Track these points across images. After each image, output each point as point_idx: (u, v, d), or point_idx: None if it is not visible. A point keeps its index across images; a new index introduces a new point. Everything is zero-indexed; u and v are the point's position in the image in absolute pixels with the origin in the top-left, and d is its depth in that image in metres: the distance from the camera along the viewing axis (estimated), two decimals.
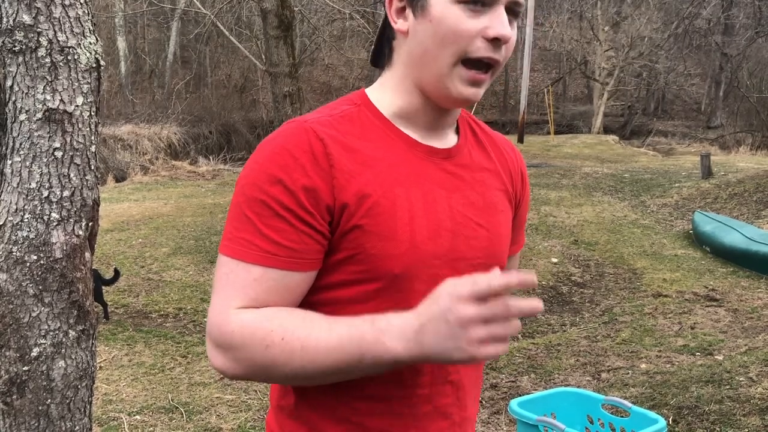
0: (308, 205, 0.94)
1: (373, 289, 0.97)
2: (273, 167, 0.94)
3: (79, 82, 2.05)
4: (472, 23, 0.94)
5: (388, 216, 0.96)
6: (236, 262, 0.95)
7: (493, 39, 0.95)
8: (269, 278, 0.94)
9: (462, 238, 1.03)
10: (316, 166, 0.94)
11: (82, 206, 2.08)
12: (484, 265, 1.03)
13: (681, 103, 33.90)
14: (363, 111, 1.03)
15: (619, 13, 26.38)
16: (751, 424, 3.26)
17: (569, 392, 2.19)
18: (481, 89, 0.99)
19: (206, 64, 26.51)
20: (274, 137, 0.98)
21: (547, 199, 10.06)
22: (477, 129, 1.14)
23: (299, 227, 0.94)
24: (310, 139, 0.96)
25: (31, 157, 2.00)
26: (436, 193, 1.02)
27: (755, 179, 9.99)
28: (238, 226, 0.96)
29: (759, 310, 5.31)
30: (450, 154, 1.06)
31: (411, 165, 1.01)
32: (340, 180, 0.95)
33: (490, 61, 0.96)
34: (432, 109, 1.04)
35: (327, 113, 1.01)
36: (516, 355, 4.60)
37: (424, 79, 1.00)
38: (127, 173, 15.03)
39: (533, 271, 0.85)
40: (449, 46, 0.95)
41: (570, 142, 19.56)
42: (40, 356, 2.04)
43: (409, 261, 0.97)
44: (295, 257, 0.95)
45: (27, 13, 1.96)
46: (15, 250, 2.01)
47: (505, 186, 1.12)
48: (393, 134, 1.03)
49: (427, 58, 0.98)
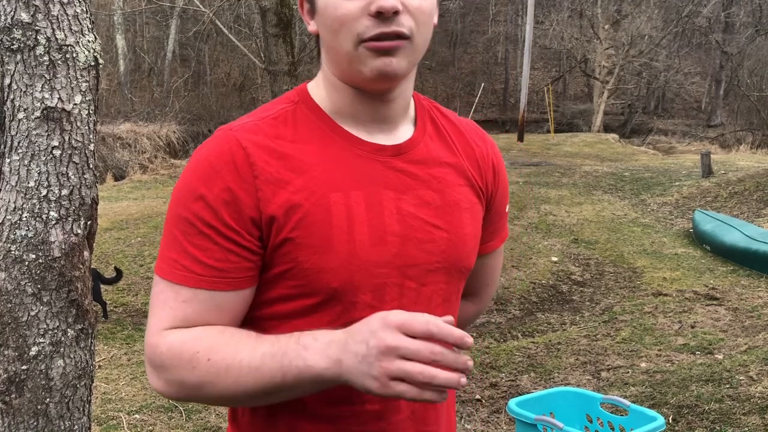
0: (231, 221, 0.89)
1: (313, 303, 0.92)
2: (195, 181, 0.90)
3: (77, 80, 2.04)
4: (352, 4, 0.89)
5: (321, 226, 0.90)
6: (166, 283, 0.92)
7: (376, 13, 0.87)
8: (198, 300, 0.90)
9: (414, 242, 0.95)
10: (238, 177, 0.89)
11: (81, 205, 2.07)
12: (444, 270, 0.98)
13: (681, 102, 33.89)
14: (301, 109, 0.97)
15: (620, 11, 26.36)
16: (751, 423, 3.25)
17: (568, 391, 2.18)
18: (393, 57, 0.90)
19: (205, 62, 26.50)
20: (201, 147, 0.94)
21: (547, 198, 10.05)
22: (440, 120, 1.06)
23: (224, 245, 0.89)
24: (231, 149, 0.90)
25: (30, 155, 2.00)
26: (382, 195, 0.94)
27: (755, 178, 9.98)
28: (167, 244, 0.92)
29: (759, 309, 5.31)
30: (401, 150, 0.98)
31: (352, 166, 0.94)
32: (265, 191, 0.89)
33: (385, 35, 0.88)
34: (367, 100, 0.96)
35: (258, 116, 0.96)
36: (516, 354, 4.60)
37: (340, 72, 0.95)
38: (126, 172, 15.02)
39: (469, 336, 0.78)
40: (339, 33, 0.90)
41: (570, 141, 19.56)
42: (39, 355, 2.03)
43: (348, 272, 0.91)
44: (222, 276, 0.90)
45: (25, 11, 1.96)
46: (13, 248, 2.00)
47: (472, 180, 1.04)
48: (333, 132, 0.96)
49: (332, 52, 0.94)
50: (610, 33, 25.79)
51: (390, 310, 0.82)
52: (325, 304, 0.92)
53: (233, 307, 0.92)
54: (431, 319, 0.78)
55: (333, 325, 0.90)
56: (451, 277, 1.00)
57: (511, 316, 5.60)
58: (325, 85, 0.98)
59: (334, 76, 0.96)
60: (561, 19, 27.69)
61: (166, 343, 0.90)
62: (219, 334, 0.89)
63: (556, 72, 34.09)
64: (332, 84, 0.97)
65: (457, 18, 35.41)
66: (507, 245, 7.44)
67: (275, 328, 0.92)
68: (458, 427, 3.53)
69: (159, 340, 0.91)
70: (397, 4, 0.88)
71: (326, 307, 0.92)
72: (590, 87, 30.54)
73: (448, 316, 0.83)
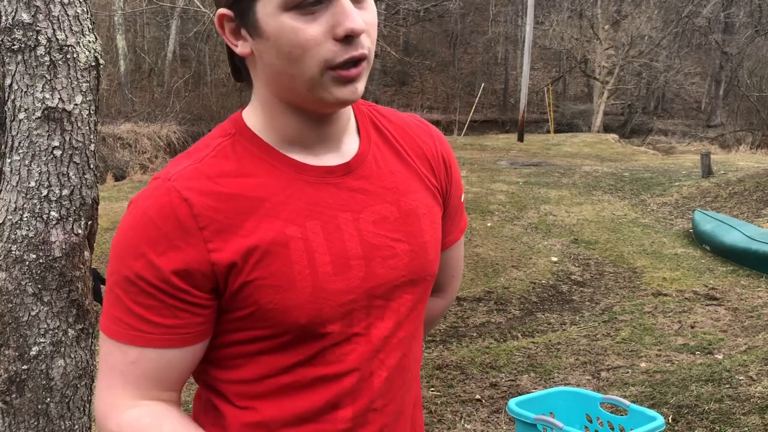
0: (177, 281, 0.84)
1: (282, 342, 0.88)
2: (135, 237, 0.84)
3: (78, 80, 2.05)
4: (314, 29, 0.81)
5: (282, 264, 0.86)
6: (112, 342, 0.88)
7: (344, 37, 0.82)
8: (147, 359, 0.87)
9: (378, 260, 0.92)
10: (183, 232, 0.83)
11: (82, 205, 2.08)
12: (410, 282, 0.96)
13: (681, 102, 33.90)
14: (239, 141, 0.90)
15: (619, 12, 26.38)
16: (750, 423, 3.26)
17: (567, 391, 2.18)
18: (358, 84, 0.85)
19: (206, 63, 26.49)
20: (138, 199, 0.87)
21: (547, 198, 10.05)
22: (382, 123, 1.00)
23: (170, 303, 0.85)
24: (172, 202, 0.84)
25: (30, 155, 2.00)
26: (340, 219, 0.90)
27: (755, 178, 9.98)
28: (110, 301, 0.88)
29: (759, 309, 5.31)
30: (350, 168, 0.92)
31: (303, 195, 0.88)
32: (216, 242, 0.84)
33: (354, 59, 0.83)
34: (314, 123, 0.90)
35: (196, 157, 0.89)
36: (515, 354, 4.60)
37: (290, 98, 0.88)
38: (127, 172, 15.02)
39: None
40: (300, 59, 0.82)
41: (570, 141, 19.55)
42: (40, 355, 2.03)
43: (315, 307, 0.87)
44: (172, 333, 0.86)
45: (26, 12, 1.96)
46: (14, 248, 2.00)
47: (426, 181, 1.00)
48: (278, 162, 0.89)
49: (283, 79, 0.86)
50: (610, 33, 25.80)
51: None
52: (295, 340, 0.88)
53: (184, 363, 0.89)
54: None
55: (302, 356, 0.89)
56: (417, 287, 0.98)
57: (511, 316, 5.60)
58: (265, 111, 0.91)
59: (281, 101, 0.89)
60: (561, 19, 27.69)
61: (115, 424, 0.88)
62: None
63: (556, 72, 34.10)
64: (276, 110, 0.90)
65: (457, 18, 35.41)
66: (507, 245, 7.45)
67: (243, 366, 0.91)
68: (458, 427, 3.53)
69: (109, 415, 0.89)
70: (363, 25, 0.82)
71: (296, 343, 0.89)
72: (590, 87, 30.54)
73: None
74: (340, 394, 0.92)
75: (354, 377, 0.92)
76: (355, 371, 0.92)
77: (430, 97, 33.00)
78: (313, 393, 0.91)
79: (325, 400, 0.91)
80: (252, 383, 0.91)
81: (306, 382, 0.91)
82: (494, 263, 6.78)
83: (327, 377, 0.91)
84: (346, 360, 0.91)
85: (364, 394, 0.93)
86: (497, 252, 7.17)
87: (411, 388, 1.02)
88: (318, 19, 0.81)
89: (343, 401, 0.92)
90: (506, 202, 9.65)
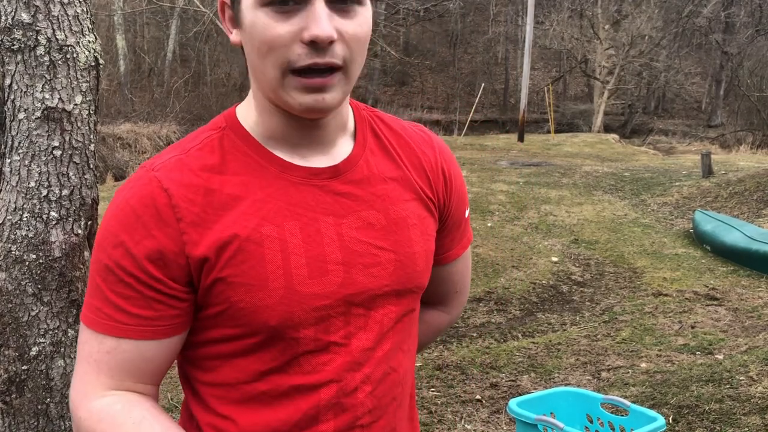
0: (154, 270, 0.84)
1: (254, 342, 0.88)
2: (116, 226, 0.85)
3: (77, 80, 2.04)
4: (283, 28, 0.80)
5: (255, 262, 0.85)
6: (89, 332, 0.88)
7: (310, 42, 0.80)
8: (122, 350, 0.86)
9: (359, 267, 0.90)
10: (161, 222, 0.84)
11: (81, 205, 2.07)
12: (395, 293, 0.94)
13: (681, 102, 33.92)
14: (228, 135, 0.90)
15: (620, 12, 26.37)
16: (751, 423, 3.25)
17: (568, 392, 2.18)
18: (326, 93, 0.83)
19: (205, 63, 26.50)
20: (123, 188, 0.88)
21: (547, 198, 10.05)
22: (382, 130, 0.99)
23: (147, 293, 0.85)
24: (153, 192, 0.84)
25: (30, 155, 2.00)
26: (320, 223, 0.88)
27: (756, 178, 9.98)
28: (90, 291, 0.88)
29: (759, 309, 5.31)
30: (338, 171, 0.91)
31: (285, 194, 0.87)
32: (191, 234, 0.84)
33: (318, 66, 0.81)
34: (298, 124, 0.89)
35: (183, 148, 0.89)
36: (516, 354, 4.60)
37: (266, 94, 0.87)
38: (126, 172, 15.03)
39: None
40: (267, 56, 0.82)
41: (570, 141, 19.55)
42: (39, 355, 2.03)
43: (287, 309, 0.86)
44: (148, 325, 0.86)
45: (26, 12, 1.96)
46: (14, 249, 2.00)
47: (420, 192, 0.98)
48: (263, 159, 0.89)
49: (257, 72, 0.86)
50: (610, 33, 25.80)
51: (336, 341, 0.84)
52: (267, 342, 0.87)
53: (159, 356, 0.89)
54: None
55: (276, 361, 0.88)
56: (403, 298, 0.96)
57: (512, 316, 5.60)
58: (256, 106, 0.91)
59: (264, 97, 0.89)
60: (561, 19, 27.69)
61: (86, 410, 0.87)
62: (132, 424, 0.85)
63: (556, 72, 34.10)
64: (263, 106, 0.90)
65: (457, 18, 35.42)
66: (507, 245, 7.45)
67: (218, 368, 0.90)
68: (458, 427, 3.53)
69: (80, 403, 0.88)
70: (333, 33, 0.80)
71: (268, 345, 0.88)
72: (590, 87, 30.55)
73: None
74: (318, 406, 0.90)
75: (332, 389, 0.90)
76: (333, 383, 0.90)
77: (430, 97, 33.00)
78: (289, 403, 0.90)
79: (303, 412, 0.90)
80: (228, 388, 0.90)
81: (282, 391, 0.89)
82: (494, 263, 6.77)
83: (303, 387, 0.89)
84: (323, 370, 0.90)
85: (347, 409, 0.91)
86: (497, 252, 7.17)
87: (402, 404, 1.00)
88: (291, 19, 0.81)
89: (323, 415, 0.90)
90: (506, 202, 9.65)
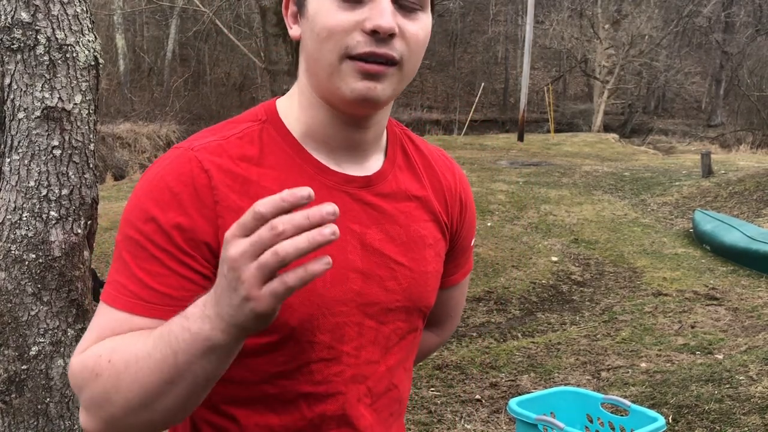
0: (185, 245, 0.82)
1: (269, 342, 0.86)
2: (148, 202, 0.83)
3: (77, 79, 2.04)
4: (346, 16, 0.83)
5: None
6: (106, 307, 0.84)
7: (371, 31, 0.82)
8: (134, 323, 0.81)
9: (376, 279, 0.91)
10: (198, 201, 0.83)
11: (81, 204, 2.07)
12: (405, 309, 0.95)
13: (681, 102, 33.92)
14: (267, 129, 0.91)
15: (620, 11, 26.37)
16: (751, 423, 3.25)
17: (568, 391, 2.18)
18: (378, 83, 0.84)
19: (205, 62, 26.51)
20: (156, 165, 0.87)
21: (547, 198, 10.05)
22: (411, 149, 1.01)
23: (177, 270, 0.82)
24: (192, 171, 0.84)
25: (30, 155, 2.00)
26: (347, 229, 0.89)
27: (755, 178, 9.98)
28: (116, 268, 0.84)
29: (759, 308, 5.31)
30: (370, 182, 0.93)
31: (318, 197, 0.85)
32: (225, 219, 0.82)
33: (376, 56, 0.83)
34: (341, 124, 0.90)
35: (222, 134, 0.89)
36: (516, 354, 4.60)
37: (318, 85, 0.88)
38: (126, 171, 15.03)
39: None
40: (326, 42, 0.84)
41: (570, 141, 19.55)
42: (39, 355, 2.03)
43: (308, 311, 0.86)
44: (171, 305, 0.81)
45: (25, 11, 1.96)
46: (14, 248, 2.00)
47: (438, 215, 1.00)
48: (300, 159, 0.90)
49: (312, 61, 0.88)
50: (610, 33, 25.80)
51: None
52: (282, 343, 0.86)
53: None
54: (257, 204, 0.66)
55: (288, 365, 0.87)
56: (411, 315, 0.97)
57: (511, 316, 5.60)
58: (300, 101, 0.92)
59: (312, 91, 0.90)
60: (561, 18, 27.70)
61: (77, 359, 0.82)
62: (123, 337, 0.81)
63: (556, 72, 34.10)
64: (308, 100, 0.91)
65: (457, 18, 35.41)
66: (507, 245, 7.45)
67: (231, 365, 0.88)
68: (458, 427, 3.53)
69: (73, 360, 0.83)
70: (395, 26, 0.83)
71: (283, 346, 0.87)
72: (590, 87, 30.55)
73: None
74: (323, 416, 0.91)
75: (339, 401, 0.91)
76: (340, 395, 0.91)
77: (430, 97, 33.00)
78: (295, 410, 0.90)
79: (308, 420, 0.90)
80: (236, 386, 0.90)
81: (290, 398, 0.89)
82: (494, 263, 6.77)
83: (311, 396, 0.90)
84: (333, 381, 0.90)
85: (349, 422, 0.92)
86: (497, 252, 7.17)
87: (399, 421, 1.02)
88: (355, 10, 0.83)
89: (326, 424, 0.91)
90: (506, 201, 9.64)
